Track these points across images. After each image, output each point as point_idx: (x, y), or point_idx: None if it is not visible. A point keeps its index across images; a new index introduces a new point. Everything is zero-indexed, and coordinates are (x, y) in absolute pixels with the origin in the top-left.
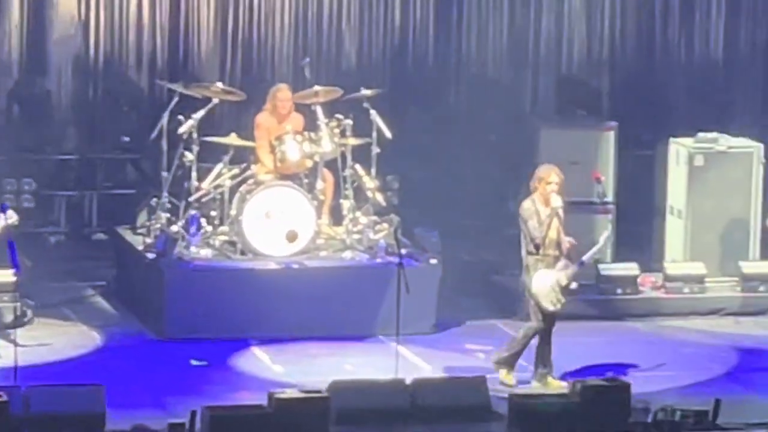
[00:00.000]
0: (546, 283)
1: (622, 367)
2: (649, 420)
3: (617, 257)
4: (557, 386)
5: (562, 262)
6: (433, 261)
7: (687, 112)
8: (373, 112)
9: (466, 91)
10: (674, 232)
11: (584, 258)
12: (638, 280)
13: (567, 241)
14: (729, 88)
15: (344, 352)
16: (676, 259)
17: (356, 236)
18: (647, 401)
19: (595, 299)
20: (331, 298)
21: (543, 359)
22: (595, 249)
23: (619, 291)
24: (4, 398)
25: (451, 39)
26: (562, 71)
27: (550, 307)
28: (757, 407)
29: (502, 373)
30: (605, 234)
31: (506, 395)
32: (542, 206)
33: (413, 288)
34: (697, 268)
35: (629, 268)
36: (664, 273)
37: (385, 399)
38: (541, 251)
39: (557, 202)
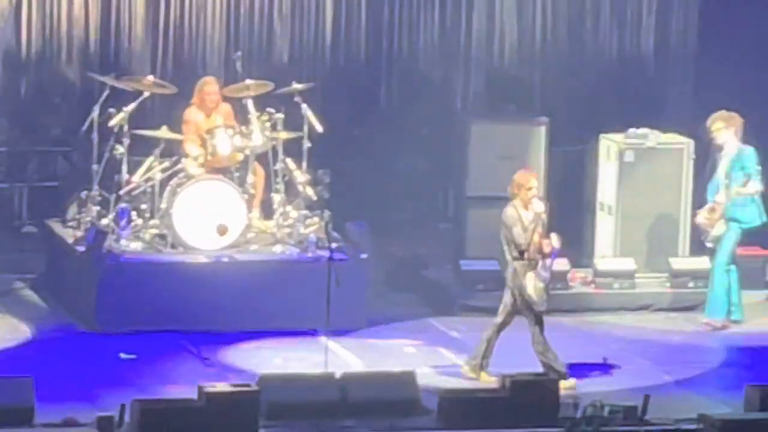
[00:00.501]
0: (537, 284)
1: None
2: (578, 415)
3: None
4: (489, 381)
5: (540, 263)
6: (364, 255)
7: (617, 108)
8: (304, 106)
9: (398, 86)
10: (604, 227)
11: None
12: (568, 275)
13: (547, 243)
14: (659, 84)
15: (274, 346)
16: (606, 255)
17: (287, 230)
18: (576, 396)
19: None
20: (262, 291)
21: (488, 352)
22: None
23: (549, 286)
24: None
25: (383, 33)
26: (494, 66)
27: (542, 307)
28: (686, 403)
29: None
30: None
31: (435, 390)
32: (524, 212)
33: (344, 282)
34: (627, 264)
35: (559, 264)
36: (594, 269)
37: (315, 393)
38: (525, 255)
39: (540, 207)
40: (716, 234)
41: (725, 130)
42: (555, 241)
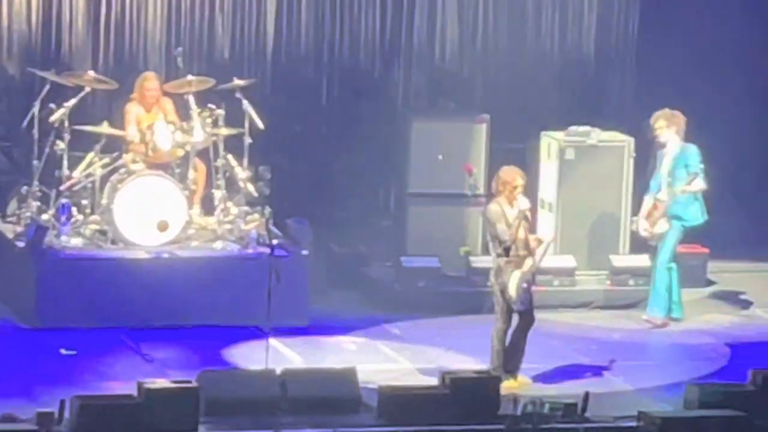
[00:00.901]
0: (520, 283)
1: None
2: (518, 412)
3: (487, 250)
4: (523, 383)
5: (527, 261)
6: (305, 252)
7: (559, 106)
8: (245, 102)
9: (339, 83)
10: (545, 225)
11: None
12: None
13: (534, 239)
14: (600, 82)
15: (215, 343)
16: (547, 253)
17: (227, 226)
18: (516, 393)
19: (466, 292)
20: (202, 288)
21: (512, 356)
22: (544, 246)
23: (489, 283)
24: None
25: (324, 30)
26: (435, 63)
27: (520, 307)
28: (626, 400)
29: (504, 384)
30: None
31: (376, 387)
32: (508, 208)
33: (285, 279)
34: (567, 261)
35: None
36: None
37: (255, 389)
38: (511, 253)
39: (525, 203)
40: (658, 232)
41: (668, 129)
42: (544, 237)
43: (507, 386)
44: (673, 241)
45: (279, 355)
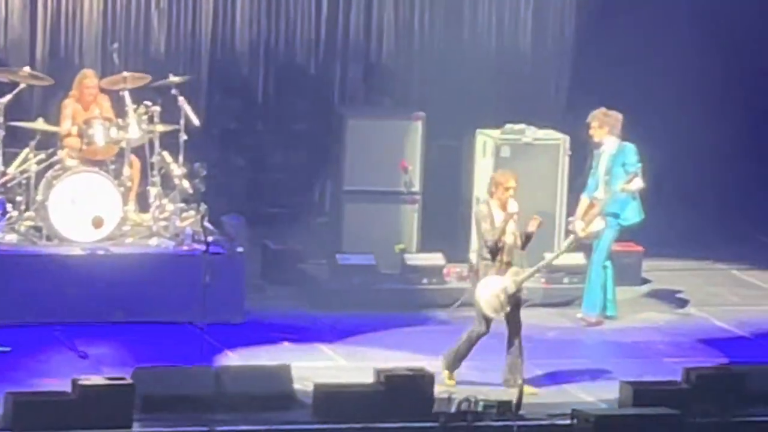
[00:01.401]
0: (491, 289)
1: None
2: (453, 410)
3: (423, 247)
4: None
5: (514, 268)
6: (240, 249)
7: (495, 104)
8: (181, 98)
9: (275, 80)
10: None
11: (539, 266)
12: (444, 270)
13: (534, 219)
14: (536, 80)
15: (150, 339)
16: None
17: (163, 223)
18: (451, 391)
19: (400, 289)
20: (138, 284)
21: (511, 365)
22: (550, 258)
23: (424, 281)
24: None
25: (261, 26)
26: (371, 61)
27: (491, 314)
28: (560, 398)
29: (445, 374)
30: (565, 243)
31: (311, 384)
32: (498, 211)
33: (220, 276)
34: None
35: (435, 258)
36: (469, 263)
37: (190, 386)
38: (497, 258)
39: (513, 207)
40: (594, 230)
41: (601, 128)
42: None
43: (446, 380)
44: (609, 239)
45: (215, 352)
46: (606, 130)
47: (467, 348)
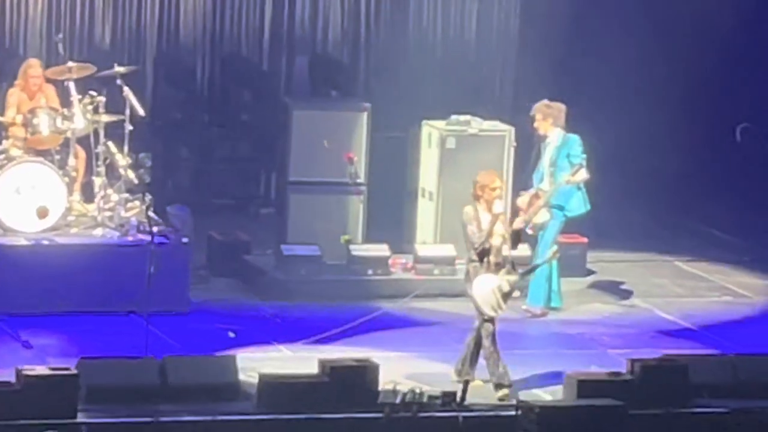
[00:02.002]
0: (486, 287)
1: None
2: (398, 401)
3: (368, 238)
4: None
5: (506, 268)
6: (185, 239)
7: (440, 95)
8: (126, 89)
9: (221, 71)
10: (425, 214)
11: (531, 266)
12: (389, 261)
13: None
14: (481, 71)
15: (95, 330)
16: (427, 241)
17: (108, 213)
18: (396, 382)
19: (345, 280)
20: (82, 275)
21: (469, 358)
22: (540, 261)
23: (370, 272)
24: None
25: (206, 17)
26: (317, 52)
27: (490, 312)
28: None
29: (474, 382)
30: (554, 250)
31: (256, 375)
32: (485, 213)
33: (165, 266)
34: (448, 250)
35: (380, 250)
36: (414, 255)
37: (135, 377)
38: (486, 259)
39: (499, 208)
40: (539, 222)
41: (544, 120)
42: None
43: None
44: (554, 231)
45: (160, 342)
46: (550, 121)
47: (475, 351)
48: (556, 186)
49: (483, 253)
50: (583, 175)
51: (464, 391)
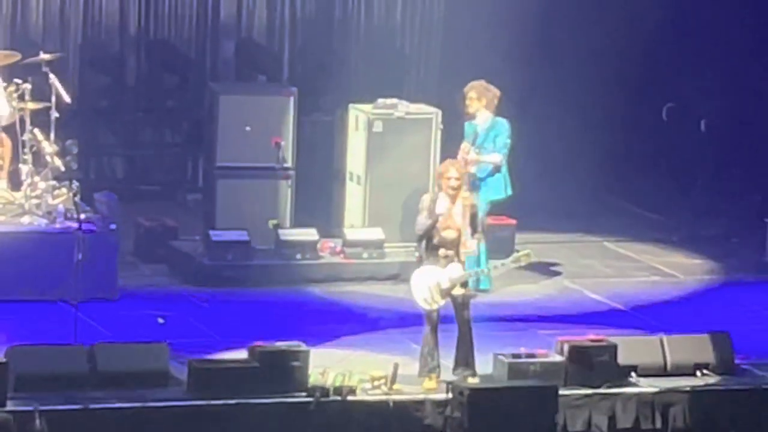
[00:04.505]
0: (424, 280)
1: None
2: (327, 385)
3: (296, 223)
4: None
5: (453, 265)
6: (113, 226)
7: (366, 78)
8: (52, 76)
9: (146, 56)
10: (353, 197)
11: (479, 269)
12: (318, 245)
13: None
14: (407, 54)
15: (23, 318)
16: (355, 225)
17: (35, 201)
18: (326, 366)
19: (274, 264)
20: (10, 262)
21: (463, 359)
22: (506, 262)
23: (298, 256)
24: None
25: (134, 3)
26: (242, 36)
27: (423, 305)
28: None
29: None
30: (522, 253)
31: (185, 360)
32: (444, 202)
33: (93, 253)
34: (376, 234)
35: (308, 234)
36: (343, 238)
37: (64, 364)
38: (438, 250)
39: (441, 207)
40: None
41: (478, 101)
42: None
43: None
44: (480, 214)
45: (89, 330)
46: (483, 103)
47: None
48: (478, 167)
49: (432, 245)
50: (494, 158)
51: (394, 373)
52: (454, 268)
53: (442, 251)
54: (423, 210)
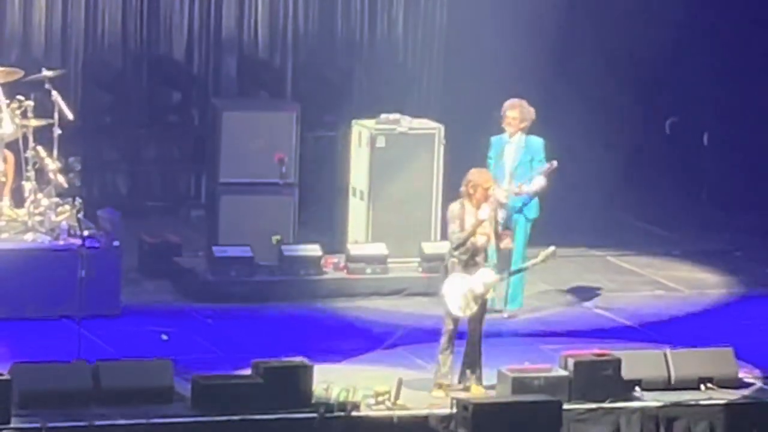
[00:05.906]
0: (458, 287)
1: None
2: (331, 400)
3: (300, 238)
4: (480, 393)
5: (482, 270)
6: (116, 243)
7: (369, 93)
8: (54, 93)
9: (149, 72)
10: (357, 213)
11: (509, 270)
12: (321, 261)
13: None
14: (410, 69)
15: (27, 335)
16: (359, 240)
17: (38, 218)
18: (329, 381)
19: (278, 280)
20: (13, 280)
21: (471, 367)
22: (528, 264)
23: (302, 272)
24: None
25: (134, 19)
26: (245, 52)
27: (458, 312)
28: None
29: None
30: (548, 251)
31: (189, 377)
32: (472, 210)
33: (96, 270)
34: (380, 249)
35: (312, 250)
36: (346, 254)
37: (68, 381)
38: (467, 258)
39: (484, 214)
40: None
41: (525, 123)
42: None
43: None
44: (521, 237)
45: (92, 347)
46: (524, 125)
47: (445, 346)
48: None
49: (467, 252)
50: (540, 183)
51: (398, 388)
52: (486, 273)
53: (476, 258)
54: (455, 219)
